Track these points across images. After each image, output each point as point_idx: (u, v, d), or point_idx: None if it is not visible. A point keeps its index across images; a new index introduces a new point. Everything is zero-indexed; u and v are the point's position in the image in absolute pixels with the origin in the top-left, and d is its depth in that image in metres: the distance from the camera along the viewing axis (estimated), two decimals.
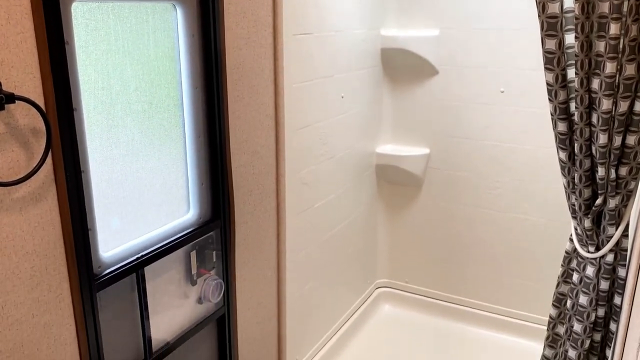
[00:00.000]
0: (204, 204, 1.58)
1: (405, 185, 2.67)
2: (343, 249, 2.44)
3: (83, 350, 1.23)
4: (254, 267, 1.83)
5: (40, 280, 1.12)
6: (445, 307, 2.72)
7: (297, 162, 1.95)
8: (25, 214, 1.06)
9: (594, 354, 1.78)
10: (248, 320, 1.84)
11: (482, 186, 2.50)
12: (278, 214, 1.91)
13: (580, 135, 1.55)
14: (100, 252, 1.27)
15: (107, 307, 1.31)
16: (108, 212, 1.29)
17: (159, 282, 1.46)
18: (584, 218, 1.66)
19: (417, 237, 2.72)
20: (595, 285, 1.69)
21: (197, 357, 1.65)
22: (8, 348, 1.07)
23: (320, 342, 2.33)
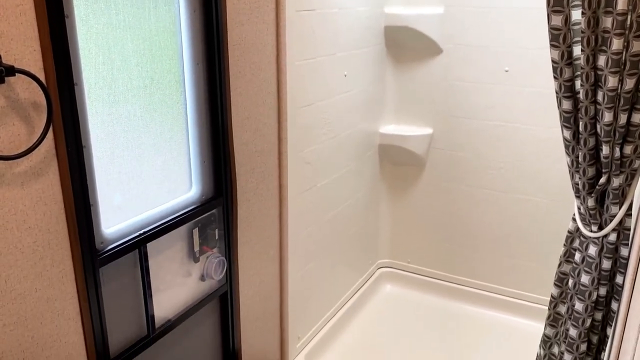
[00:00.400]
0: (206, 181, 1.58)
1: (408, 165, 2.66)
2: (345, 228, 2.44)
3: (86, 325, 1.24)
4: (256, 245, 1.83)
5: (43, 255, 1.12)
6: (446, 287, 2.73)
7: (300, 141, 1.95)
8: (27, 189, 1.06)
9: (594, 333, 1.79)
10: (250, 298, 1.85)
11: (485, 166, 2.49)
12: (280, 192, 1.91)
13: (585, 113, 1.53)
14: (102, 228, 1.27)
15: (110, 283, 1.32)
16: (110, 188, 1.28)
17: (162, 259, 1.47)
18: (588, 197, 1.65)
19: (420, 218, 2.72)
20: (597, 265, 1.69)
21: (199, 333, 1.67)
22: (12, 321, 1.08)
23: (322, 321, 2.35)
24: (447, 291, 2.73)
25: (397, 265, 2.87)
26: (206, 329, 1.69)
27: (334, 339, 2.40)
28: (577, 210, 1.77)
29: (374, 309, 2.67)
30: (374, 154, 2.61)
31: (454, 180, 2.58)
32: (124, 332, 1.38)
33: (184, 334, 1.60)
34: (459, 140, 2.51)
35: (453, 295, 2.72)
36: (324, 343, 2.32)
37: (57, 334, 1.18)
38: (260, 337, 1.95)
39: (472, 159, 2.51)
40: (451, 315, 2.63)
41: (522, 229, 2.50)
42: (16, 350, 1.10)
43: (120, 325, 1.37)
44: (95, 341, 1.26)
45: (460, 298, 2.71)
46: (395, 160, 2.67)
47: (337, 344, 2.40)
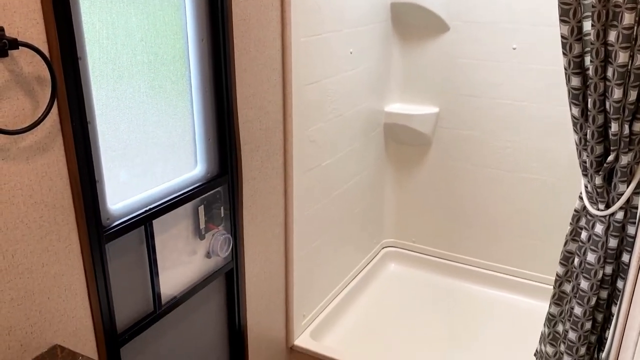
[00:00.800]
0: (211, 159, 1.58)
1: (414, 144, 2.65)
2: (350, 208, 2.44)
3: (93, 300, 1.24)
4: (261, 223, 1.83)
5: (49, 230, 1.12)
6: (451, 267, 2.74)
7: (305, 119, 1.93)
8: (32, 164, 1.06)
9: (599, 311, 1.79)
10: (256, 276, 1.86)
11: (492, 146, 2.47)
12: (285, 171, 1.90)
13: (595, 90, 1.51)
14: (108, 204, 1.27)
15: (117, 259, 1.32)
16: (115, 164, 1.28)
17: (168, 236, 1.47)
18: (595, 175, 1.64)
19: (425, 197, 2.72)
20: (604, 243, 1.69)
21: (206, 310, 1.68)
22: (19, 296, 1.09)
23: (326, 299, 2.36)
24: (452, 270, 2.74)
25: (402, 245, 2.87)
26: (212, 306, 1.70)
27: (338, 317, 2.42)
28: (584, 189, 1.76)
29: (378, 288, 2.68)
30: (379, 133, 2.60)
31: (459, 160, 2.57)
32: (131, 308, 1.39)
33: (190, 310, 1.61)
34: (465, 119, 2.49)
35: (458, 275, 2.73)
36: (329, 321, 2.34)
37: (65, 309, 1.19)
38: (266, 315, 1.96)
39: (479, 138, 2.49)
40: (456, 294, 2.63)
41: (528, 208, 2.49)
42: (24, 324, 1.10)
43: (127, 301, 1.38)
44: (102, 316, 1.27)
45: (464, 277, 2.71)
46: (400, 139, 2.66)
47: (342, 322, 2.41)
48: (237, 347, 1.83)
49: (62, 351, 1.16)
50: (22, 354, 1.11)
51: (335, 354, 2.06)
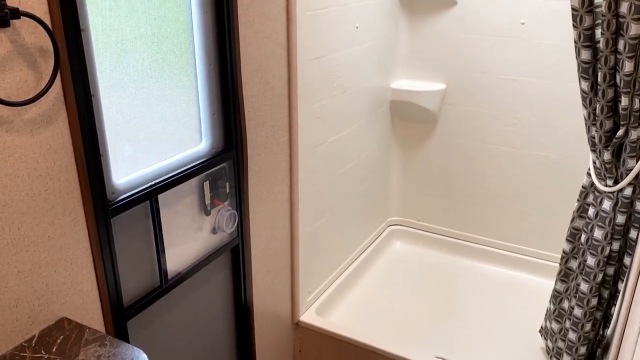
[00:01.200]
0: (216, 134, 1.57)
1: (420, 122, 2.62)
2: (356, 185, 2.43)
3: (99, 274, 1.25)
4: (267, 199, 1.83)
5: (55, 204, 1.12)
6: (457, 245, 2.73)
7: (310, 95, 1.92)
8: (36, 136, 1.05)
9: (606, 287, 1.78)
10: (262, 252, 1.86)
11: (499, 122, 2.45)
12: (291, 147, 1.89)
13: (605, 63, 1.49)
14: (113, 179, 1.27)
15: (122, 233, 1.32)
16: (119, 138, 1.27)
17: (173, 211, 1.47)
18: (604, 151, 1.62)
19: (431, 175, 2.70)
20: (611, 219, 1.68)
21: (212, 285, 1.68)
22: (26, 269, 1.09)
23: (332, 276, 2.37)
24: (457, 248, 2.74)
25: (407, 223, 2.87)
26: (218, 281, 1.71)
27: (343, 294, 2.43)
28: (592, 165, 1.74)
29: (383, 266, 2.69)
30: (385, 110, 2.57)
31: (466, 137, 2.55)
32: (137, 282, 1.40)
33: (196, 285, 1.62)
34: (472, 96, 2.47)
35: (463, 253, 2.73)
36: (334, 298, 2.35)
37: (71, 282, 1.19)
38: (272, 291, 1.97)
39: (486, 115, 2.47)
40: (461, 272, 2.64)
41: (535, 186, 2.47)
42: (31, 296, 1.11)
43: (133, 275, 1.38)
44: (109, 290, 1.27)
45: (470, 255, 2.71)
46: (406, 116, 2.64)
47: (347, 299, 2.42)
48: (243, 323, 1.84)
49: (69, 324, 1.17)
50: (30, 326, 1.12)
51: (340, 330, 2.07)
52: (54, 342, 1.11)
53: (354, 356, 2.07)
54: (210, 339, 1.73)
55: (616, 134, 1.58)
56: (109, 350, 1.10)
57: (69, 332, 1.14)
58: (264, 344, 1.98)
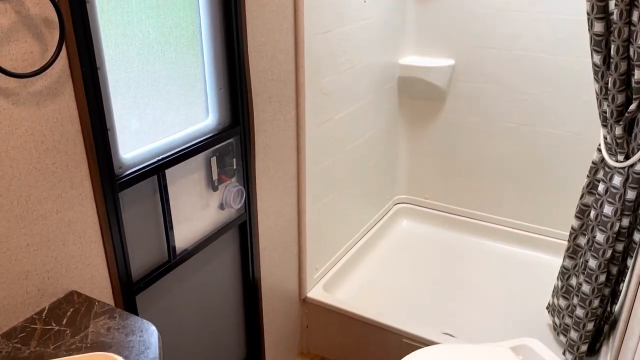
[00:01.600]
0: (223, 109, 1.55)
1: (428, 99, 2.60)
2: (363, 163, 2.42)
3: (108, 248, 1.25)
4: (274, 176, 1.82)
5: (62, 177, 1.12)
6: (464, 223, 2.73)
7: (317, 71, 1.90)
8: (42, 109, 1.05)
9: (614, 264, 1.77)
10: (269, 228, 1.86)
11: (508, 99, 2.42)
12: (298, 123, 1.88)
13: (618, 35, 1.46)
14: (120, 153, 1.26)
15: (130, 208, 1.32)
16: (126, 112, 1.27)
17: (181, 187, 1.47)
18: (615, 125, 1.60)
19: (438, 153, 2.69)
20: (621, 195, 1.66)
21: (220, 261, 1.69)
22: (35, 242, 1.09)
23: (339, 254, 2.37)
24: (465, 226, 2.73)
25: (415, 201, 2.86)
26: (226, 257, 1.72)
27: (350, 271, 2.43)
28: (602, 140, 1.72)
29: (390, 244, 2.69)
30: (393, 87, 2.55)
31: (475, 114, 2.52)
32: (146, 257, 1.40)
33: (204, 261, 1.63)
34: (481, 72, 2.44)
35: (470, 231, 2.72)
36: (341, 275, 2.36)
37: (80, 256, 1.20)
38: (279, 267, 1.97)
39: (495, 92, 2.44)
40: (468, 250, 2.63)
41: (544, 163, 2.45)
42: (40, 270, 1.12)
43: (142, 250, 1.39)
44: (117, 264, 1.28)
45: (477, 233, 2.70)
46: (415, 93, 2.61)
47: (354, 276, 2.43)
48: (251, 298, 1.85)
49: (78, 297, 1.18)
50: (40, 299, 1.13)
51: (347, 306, 2.08)
52: (64, 315, 1.12)
53: (361, 332, 2.08)
54: (219, 314, 1.74)
55: (628, 108, 1.55)
56: (118, 322, 1.11)
57: (78, 305, 1.15)
58: (272, 319, 2.00)
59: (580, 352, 1.89)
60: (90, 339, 1.06)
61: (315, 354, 2.25)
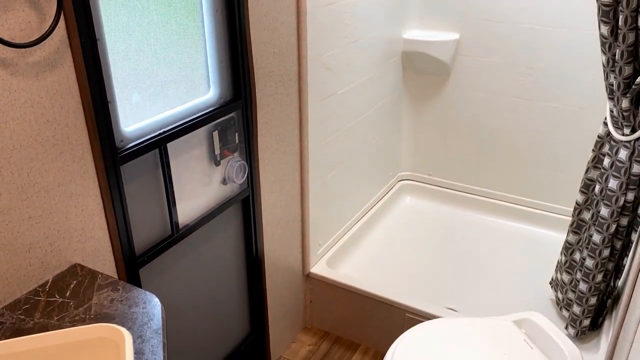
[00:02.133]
0: (224, 83, 1.54)
1: (432, 74, 2.57)
2: (366, 139, 2.41)
3: (110, 221, 1.25)
4: (276, 151, 1.81)
5: (63, 150, 1.11)
6: (468, 199, 2.72)
7: (319, 44, 1.87)
8: (42, 80, 1.04)
9: (618, 239, 1.77)
10: (272, 204, 1.86)
11: (514, 73, 2.39)
12: (300, 98, 1.86)
13: (627, 5, 1.43)
14: (121, 126, 1.26)
15: (132, 181, 1.32)
16: (127, 85, 1.25)
17: (183, 161, 1.46)
18: (622, 98, 1.58)
19: (442, 128, 2.67)
20: (627, 169, 1.65)
21: (223, 236, 1.69)
22: (37, 214, 1.09)
23: (342, 230, 2.37)
24: (468, 203, 2.72)
25: (418, 178, 2.85)
26: (230, 232, 1.72)
27: (354, 248, 2.44)
28: (609, 114, 1.70)
29: (394, 220, 2.69)
30: (396, 61, 2.52)
31: (479, 89, 2.49)
32: (149, 231, 1.40)
33: (207, 235, 1.63)
34: (486, 46, 2.40)
35: (474, 207, 2.71)
36: (344, 251, 2.36)
37: (82, 229, 1.20)
38: (282, 242, 1.97)
39: (500, 66, 2.40)
40: (472, 226, 2.63)
41: (549, 138, 2.43)
42: (43, 242, 1.12)
43: (145, 224, 1.39)
44: (120, 237, 1.28)
45: (481, 210, 2.70)
46: (419, 68, 2.58)
47: (357, 253, 2.44)
48: (255, 273, 1.86)
49: (82, 270, 1.18)
50: (43, 272, 1.13)
51: (351, 281, 2.09)
52: (68, 287, 1.12)
53: (364, 307, 2.09)
54: (222, 289, 1.75)
55: (635, 80, 1.53)
56: (121, 294, 1.11)
57: (81, 278, 1.15)
58: (275, 294, 2.01)
59: (583, 327, 1.90)
60: (93, 311, 1.06)
61: (319, 329, 2.26)
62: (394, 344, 1.54)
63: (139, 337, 1.01)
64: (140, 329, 1.02)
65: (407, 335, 1.55)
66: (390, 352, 1.51)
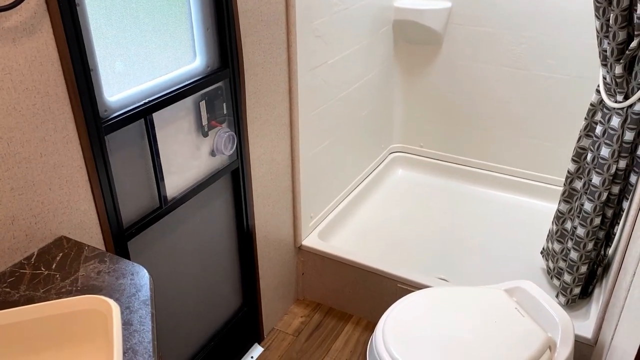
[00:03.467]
0: (211, 51, 1.50)
1: (424, 43, 2.53)
2: (357, 110, 2.38)
3: (96, 193, 1.23)
4: (266, 122, 1.78)
5: (45, 119, 1.08)
6: (460, 170, 2.71)
7: (308, 11, 1.83)
8: (19, 46, 1.00)
9: (610, 207, 1.77)
10: (262, 176, 1.84)
11: (506, 42, 2.35)
12: (290, 67, 1.83)
13: None
14: (105, 96, 1.22)
15: (118, 153, 1.29)
16: (109, 53, 1.22)
17: (170, 132, 1.43)
18: (615, 64, 1.56)
19: (434, 99, 2.64)
20: (619, 137, 1.64)
21: (213, 208, 1.67)
22: (19, 186, 1.07)
23: (333, 202, 2.36)
24: (460, 174, 2.71)
25: (410, 150, 2.83)
26: (220, 204, 1.70)
27: (345, 220, 2.43)
28: (601, 81, 1.68)
29: (385, 192, 2.68)
30: (388, 31, 2.48)
31: (471, 59, 2.46)
32: (136, 203, 1.38)
33: (197, 208, 1.61)
34: (478, 15, 2.36)
35: (466, 179, 2.71)
36: (336, 223, 2.35)
37: (68, 201, 1.17)
38: (273, 215, 1.96)
39: (493, 35, 2.37)
40: (463, 197, 2.63)
41: (541, 108, 2.41)
42: (27, 214, 1.09)
43: (132, 196, 1.36)
44: (107, 209, 1.26)
45: (473, 181, 2.69)
46: (410, 37, 2.54)
47: (349, 225, 2.43)
48: (246, 246, 1.85)
49: (68, 242, 1.16)
50: (28, 244, 1.11)
51: (343, 253, 2.09)
52: (54, 260, 1.10)
53: (356, 279, 2.09)
54: (213, 262, 1.74)
55: (629, 45, 1.51)
56: (108, 266, 1.09)
57: (68, 250, 1.13)
58: (267, 266, 2.00)
59: (573, 295, 1.91)
60: (80, 283, 1.05)
61: (311, 301, 2.27)
62: (386, 313, 1.54)
63: (127, 308, 0.99)
64: (128, 300, 1.01)
65: (399, 304, 1.56)
66: (382, 322, 1.51)
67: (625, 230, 1.54)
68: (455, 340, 1.43)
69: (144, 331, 0.94)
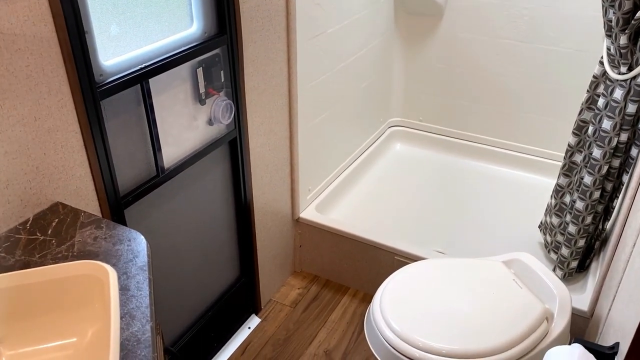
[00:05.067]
0: (208, 17, 1.47)
1: (425, 14, 2.49)
2: (356, 82, 2.35)
3: (92, 159, 1.21)
4: (264, 92, 1.76)
5: (38, 82, 1.05)
6: (459, 145, 2.69)
7: None
8: (10, 5, 0.97)
9: (609, 180, 1.76)
10: (260, 146, 1.81)
11: (508, 13, 2.31)
12: (288, 35, 1.79)
13: None
14: (100, 60, 1.19)
15: (114, 119, 1.27)
16: (104, 16, 1.19)
17: (166, 99, 1.41)
18: (620, 34, 1.53)
19: (434, 72, 2.61)
20: (621, 109, 1.62)
21: (211, 178, 1.65)
22: (13, 149, 1.05)
23: (331, 175, 2.34)
24: (459, 149, 2.70)
25: (408, 124, 2.81)
26: (217, 175, 1.68)
27: (343, 193, 2.42)
28: (605, 52, 1.65)
29: (384, 166, 2.66)
30: (388, 2, 2.43)
31: (472, 31, 2.42)
32: (133, 171, 1.36)
33: (194, 177, 1.59)
34: None
35: (465, 153, 2.69)
36: (334, 196, 2.34)
37: (63, 166, 1.15)
38: (271, 186, 1.94)
39: (494, 5, 2.33)
40: (462, 172, 2.61)
41: (542, 82, 2.39)
42: (22, 179, 1.08)
43: (128, 164, 1.34)
44: (103, 176, 1.24)
45: (472, 155, 2.67)
46: (411, 8, 2.50)
47: (347, 198, 2.42)
48: (244, 217, 1.84)
49: (64, 208, 1.15)
50: (23, 209, 1.09)
51: (341, 225, 2.08)
52: (49, 225, 1.09)
53: (353, 251, 2.09)
54: (211, 232, 1.73)
55: (635, 15, 1.48)
56: (105, 232, 1.08)
57: (64, 216, 1.12)
58: (265, 239, 1.99)
59: (570, 268, 1.91)
60: (76, 248, 1.03)
61: (309, 273, 2.27)
62: (382, 285, 1.53)
63: (123, 273, 0.98)
64: (125, 266, 1.00)
65: (396, 276, 1.55)
66: (379, 293, 1.51)
67: (625, 203, 1.53)
68: (453, 311, 1.43)
69: (141, 296, 0.94)
